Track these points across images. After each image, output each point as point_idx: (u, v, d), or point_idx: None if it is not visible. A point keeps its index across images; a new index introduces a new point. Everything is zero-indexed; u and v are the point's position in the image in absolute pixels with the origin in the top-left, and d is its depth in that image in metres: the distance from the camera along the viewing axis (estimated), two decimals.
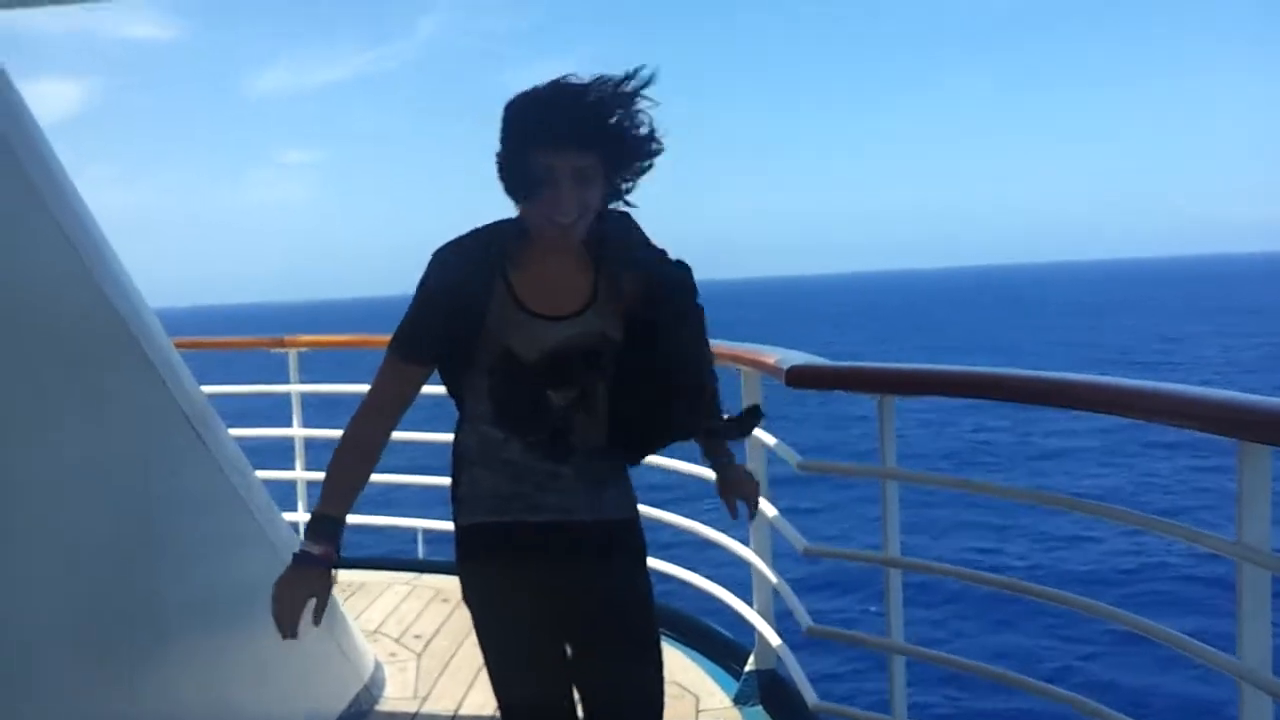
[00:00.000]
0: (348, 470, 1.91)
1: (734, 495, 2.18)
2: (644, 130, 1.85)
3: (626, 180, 1.93)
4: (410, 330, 1.91)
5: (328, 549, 1.84)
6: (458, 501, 1.99)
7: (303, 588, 1.81)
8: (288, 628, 1.81)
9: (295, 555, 1.83)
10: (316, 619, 1.83)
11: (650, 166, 1.92)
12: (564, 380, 1.92)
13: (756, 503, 2.23)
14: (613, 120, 1.81)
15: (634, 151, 1.87)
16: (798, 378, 2.73)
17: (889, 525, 2.63)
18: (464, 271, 1.89)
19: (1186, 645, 2.02)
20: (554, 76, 1.81)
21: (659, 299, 1.96)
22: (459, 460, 1.99)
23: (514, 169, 1.84)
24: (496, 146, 1.87)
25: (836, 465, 3.15)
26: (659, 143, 1.88)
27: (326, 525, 1.85)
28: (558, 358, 1.90)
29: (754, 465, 3.32)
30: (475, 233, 1.94)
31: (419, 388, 1.96)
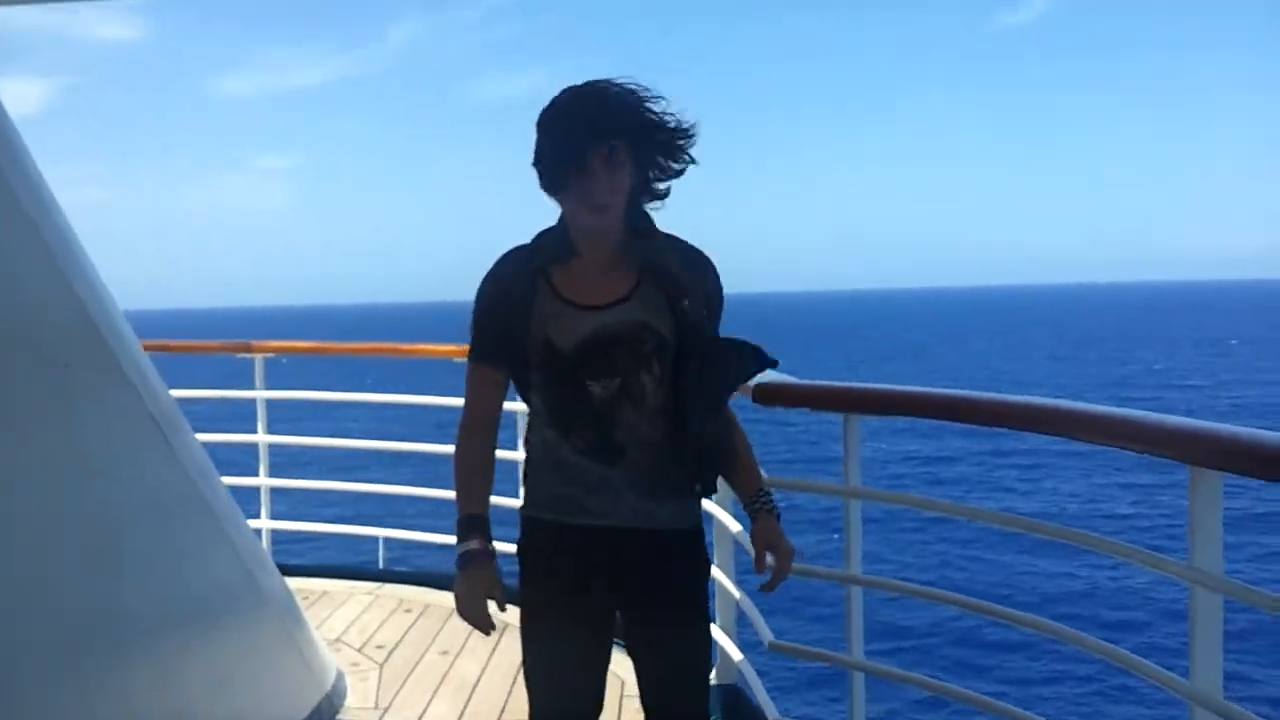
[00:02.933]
0: (468, 479, 2.06)
1: (765, 547, 2.09)
2: (670, 124, 1.95)
3: (657, 174, 2.01)
4: (475, 337, 2.06)
5: (483, 543, 1.99)
6: (525, 493, 2.13)
7: (479, 587, 1.97)
8: (486, 628, 1.99)
9: (460, 557, 1.97)
10: (501, 605, 1.98)
11: (679, 163, 2.01)
12: (603, 370, 1.98)
13: (787, 569, 2.11)
14: (638, 110, 1.92)
15: (660, 142, 1.97)
16: (765, 395, 2.76)
17: (852, 543, 2.65)
18: (510, 276, 2.02)
19: (1140, 667, 2.06)
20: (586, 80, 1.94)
21: (702, 284, 2.04)
22: (528, 460, 2.12)
23: (548, 160, 1.96)
24: (475, 155, 1.96)
25: (800, 482, 3.18)
26: (687, 138, 1.98)
27: (476, 522, 2.00)
28: (594, 345, 1.97)
29: (721, 556, 3.34)
30: (522, 245, 2.07)
31: (502, 389, 2.10)
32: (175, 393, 2.82)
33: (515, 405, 2.35)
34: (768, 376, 2.85)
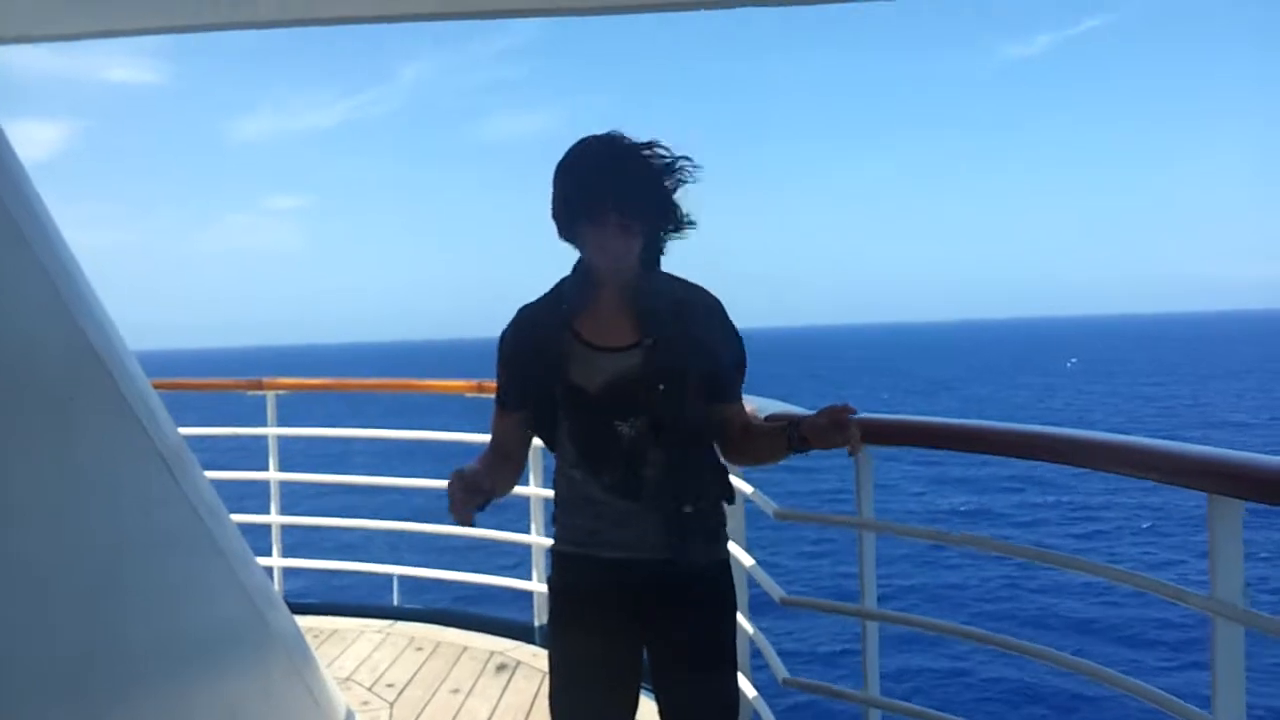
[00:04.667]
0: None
1: (829, 419, 1.99)
2: (680, 207, 2.05)
3: (661, 238, 2.10)
4: (500, 386, 2.17)
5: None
6: (555, 531, 2.19)
7: (453, 478, 1.94)
8: (463, 506, 1.93)
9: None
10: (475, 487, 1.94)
11: (680, 235, 2.11)
12: (628, 409, 2.02)
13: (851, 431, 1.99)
14: (657, 192, 2.01)
15: (671, 221, 2.07)
16: None
17: (866, 576, 2.62)
18: (533, 325, 2.11)
19: (1161, 700, 2.01)
20: (610, 131, 2.02)
21: (688, 318, 2.08)
22: (556, 500, 2.17)
23: (564, 210, 2.04)
24: (485, 194, 2.02)
25: (813, 515, 3.14)
26: (690, 221, 2.08)
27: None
28: (616, 387, 2.02)
29: (731, 512, 3.31)
30: (542, 295, 2.15)
31: (525, 432, 2.19)
32: (185, 430, 2.81)
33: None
34: (776, 407, 2.83)
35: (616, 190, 1.97)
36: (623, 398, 2.02)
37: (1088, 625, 15.80)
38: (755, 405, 2.89)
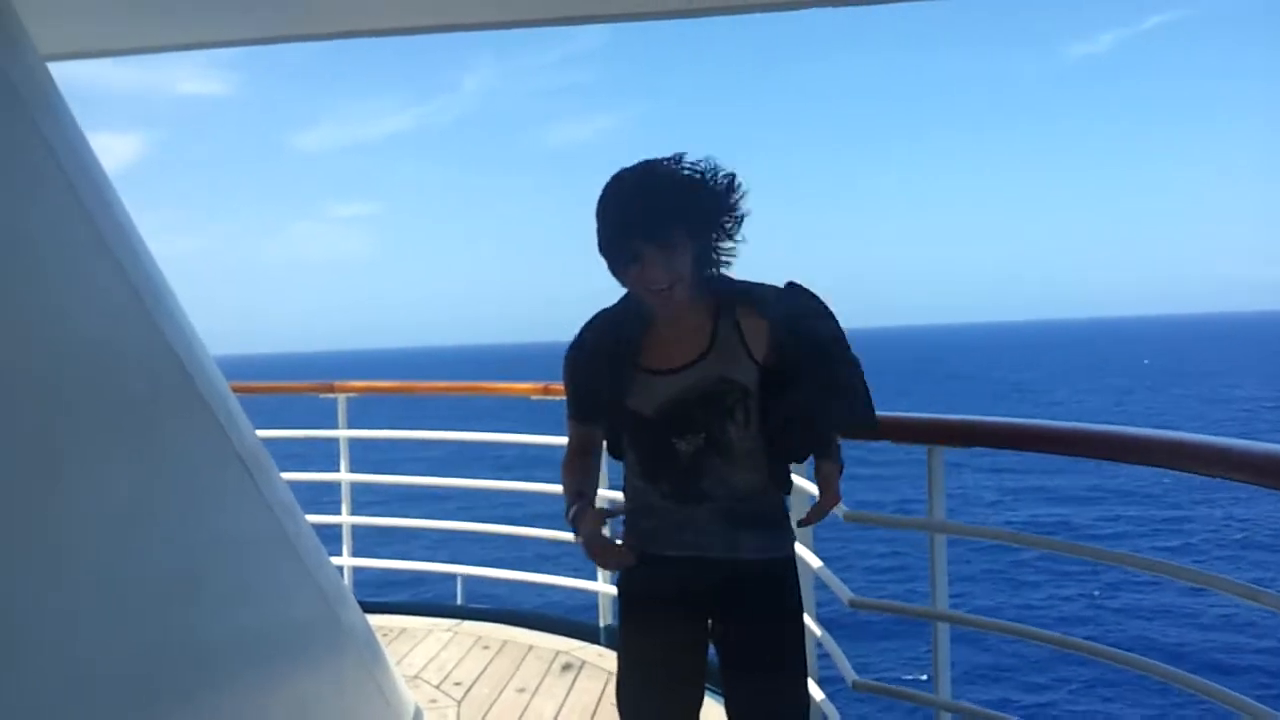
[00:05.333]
0: (572, 481, 2.16)
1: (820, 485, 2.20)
2: (720, 204, 1.99)
3: (716, 244, 2.04)
4: (570, 400, 2.21)
5: (585, 501, 2.08)
6: (624, 532, 2.24)
7: (592, 523, 2.01)
8: (622, 555, 2.05)
9: (571, 521, 2.05)
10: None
11: (735, 232, 2.04)
12: (686, 428, 2.05)
13: (827, 508, 2.24)
14: (685, 196, 1.96)
15: (711, 222, 2.01)
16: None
17: (937, 578, 2.58)
18: (594, 350, 2.13)
19: (1243, 705, 1.96)
20: (642, 159, 1.99)
21: (780, 327, 2.05)
22: (627, 504, 2.23)
23: (606, 251, 2.02)
24: (548, 199, 2.03)
25: (883, 517, 3.11)
26: (734, 213, 2.01)
27: (578, 497, 2.08)
28: (674, 408, 2.05)
29: (798, 513, 3.29)
30: (606, 310, 2.16)
31: (597, 435, 2.25)
32: (260, 432, 2.87)
33: None
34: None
35: (645, 225, 1.94)
36: (679, 418, 2.05)
37: (1165, 629, 15.39)
38: None
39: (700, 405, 2.03)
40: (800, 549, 3.24)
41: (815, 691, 3.30)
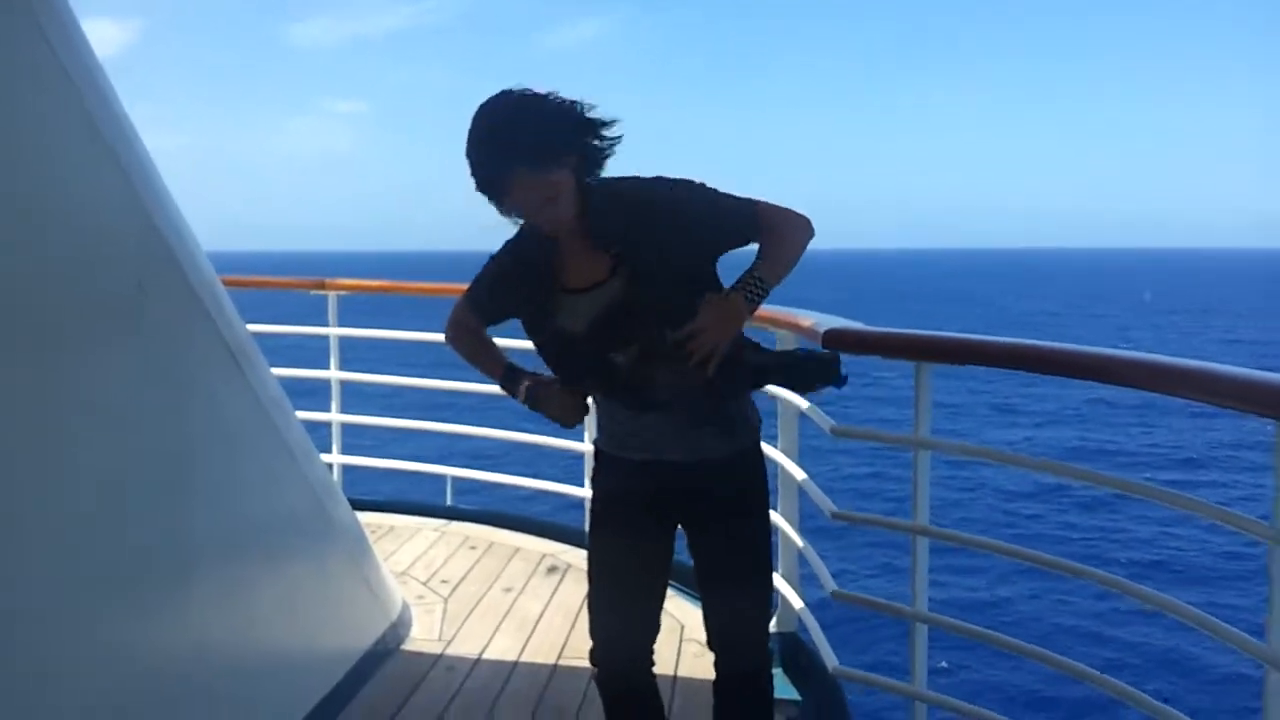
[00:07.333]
0: (481, 350, 2.26)
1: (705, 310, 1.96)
2: (565, 126, 1.92)
3: (588, 158, 1.98)
4: (476, 285, 2.22)
5: (533, 376, 2.17)
6: (597, 431, 2.26)
7: (551, 390, 2.13)
8: (580, 411, 2.15)
9: (525, 390, 2.14)
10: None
11: (599, 141, 1.98)
12: (618, 341, 2.03)
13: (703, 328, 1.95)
14: (529, 121, 1.90)
15: (586, 146, 1.96)
16: (835, 340, 2.71)
17: (919, 493, 2.62)
18: (512, 271, 2.13)
19: (1215, 628, 2.01)
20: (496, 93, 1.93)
21: (645, 221, 1.99)
22: (595, 401, 2.22)
23: (482, 188, 1.96)
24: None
25: (869, 432, 3.14)
26: (583, 129, 1.95)
27: (514, 370, 2.20)
28: (599, 323, 2.03)
29: (786, 427, 3.32)
30: (510, 241, 2.14)
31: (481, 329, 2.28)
32: (250, 326, 2.86)
33: None
34: (835, 322, 2.81)
35: (508, 150, 1.89)
36: (608, 331, 2.02)
37: (1141, 551, 15.70)
38: (814, 320, 2.87)
39: (626, 316, 2.00)
40: (784, 460, 3.27)
41: (794, 600, 3.37)
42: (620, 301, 2.00)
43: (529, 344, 2.17)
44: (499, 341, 2.30)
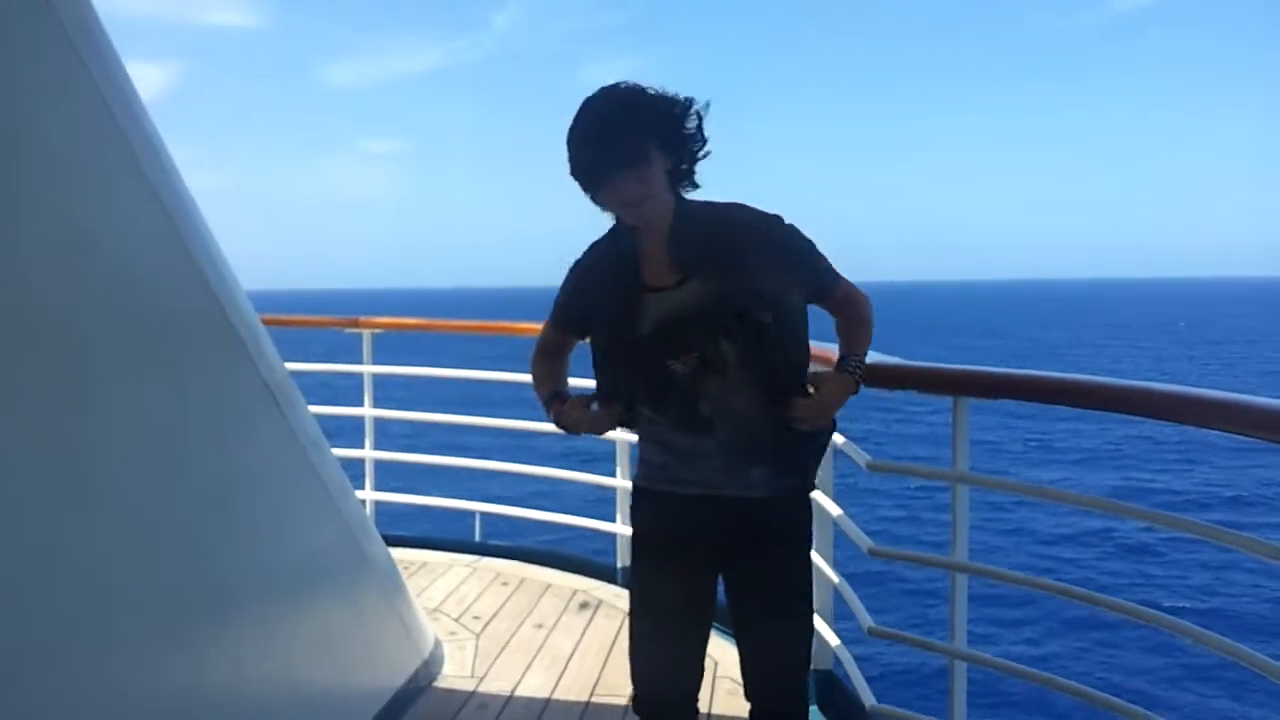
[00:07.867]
0: (542, 378, 2.28)
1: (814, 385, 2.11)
2: (664, 129, 1.94)
3: (682, 163, 2.00)
4: (558, 303, 2.22)
5: (564, 396, 2.22)
6: (638, 466, 2.24)
7: (574, 409, 2.17)
8: (607, 420, 2.15)
9: (552, 412, 2.20)
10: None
11: (695, 146, 2.00)
12: (679, 347, 2.02)
13: (810, 412, 2.09)
14: (639, 117, 1.92)
15: (681, 150, 1.98)
16: (870, 376, 2.69)
17: (958, 529, 2.58)
18: (593, 269, 2.15)
19: (1264, 666, 1.96)
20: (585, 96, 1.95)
21: (724, 243, 2.00)
22: (639, 436, 2.21)
23: (577, 176, 1.99)
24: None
25: (906, 467, 3.10)
26: (687, 129, 1.97)
27: (555, 394, 2.24)
28: (667, 324, 2.02)
29: (821, 462, 3.28)
30: (599, 240, 2.15)
31: (570, 347, 2.31)
32: (287, 365, 2.89)
33: None
34: (872, 356, 2.78)
35: (608, 150, 1.91)
36: (671, 337, 2.02)
37: (1186, 586, 15.35)
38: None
39: (691, 322, 2.00)
40: (820, 497, 3.24)
41: (830, 636, 3.33)
42: (688, 308, 2.00)
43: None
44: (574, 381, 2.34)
